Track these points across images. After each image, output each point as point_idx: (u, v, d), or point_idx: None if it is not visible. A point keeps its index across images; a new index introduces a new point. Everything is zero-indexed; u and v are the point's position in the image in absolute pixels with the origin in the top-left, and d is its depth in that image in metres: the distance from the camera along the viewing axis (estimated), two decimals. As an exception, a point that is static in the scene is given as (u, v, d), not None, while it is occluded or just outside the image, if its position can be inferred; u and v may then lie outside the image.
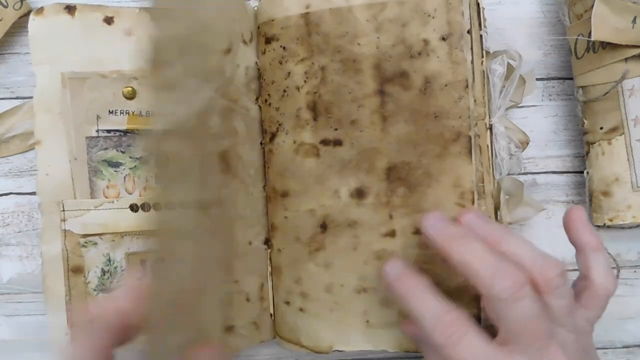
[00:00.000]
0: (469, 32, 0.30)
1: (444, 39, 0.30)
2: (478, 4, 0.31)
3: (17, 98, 0.36)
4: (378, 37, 0.30)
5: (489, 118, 0.31)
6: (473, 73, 0.30)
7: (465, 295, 0.30)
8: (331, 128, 0.31)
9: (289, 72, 0.32)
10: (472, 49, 0.30)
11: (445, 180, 0.30)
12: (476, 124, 0.31)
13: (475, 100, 0.30)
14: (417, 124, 0.30)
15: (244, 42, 0.33)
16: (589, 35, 0.31)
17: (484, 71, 0.31)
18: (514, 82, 0.32)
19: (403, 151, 0.30)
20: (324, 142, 0.31)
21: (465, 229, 0.27)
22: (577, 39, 0.33)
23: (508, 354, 0.24)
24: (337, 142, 0.31)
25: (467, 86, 0.30)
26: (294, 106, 0.32)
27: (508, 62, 0.32)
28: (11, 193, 0.36)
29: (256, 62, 0.34)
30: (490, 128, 0.31)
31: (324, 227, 0.32)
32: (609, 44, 0.31)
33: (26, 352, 0.36)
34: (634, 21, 0.30)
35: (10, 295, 0.36)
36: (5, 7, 0.34)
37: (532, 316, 0.24)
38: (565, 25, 0.34)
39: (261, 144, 0.34)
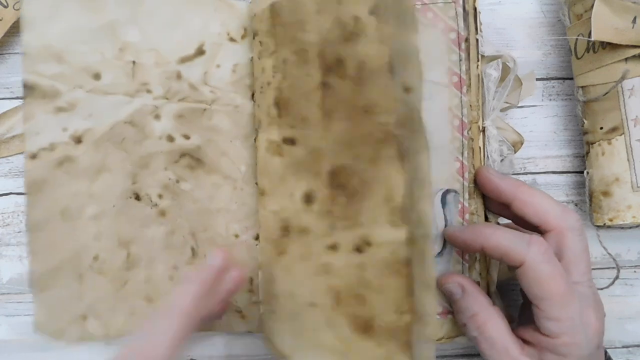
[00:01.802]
0: (467, 39, 0.30)
1: (372, 12, 0.25)
2: (475, 9, 0.30)
3: (17, 98, 0.36)
4: (319, 21, 0.27)
5: (482, 121, 0.31)
6: (469, 78, 0.30)
7: (398, 336, 0.26)
8: (288, 126, 0.28)
9: (263, 68, 0.30)
10: (469, 53, 0.30)
11: (377, 191, 0.26)
12: (470, 128, 0.30)
13: (470, 105, 0.30)
14: (353, 120, 0.26)
15: (231, 39, 0.32)
16: (589, 35, 0.31)
17: (479, 75, 0.31)
18: (507, 86, 0.32)
19: (341, 153, 0.26)
20: (284, 140, 0.28)
21: (483, 224, 0.29)
22: (577, 39, 0.33)
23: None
24: (292, 141, 0.28)
25: (390, 70, 0.25)
26: (265, 102, 0.29)
27: (504, 64, 0.33)
28: (11, 193, 0.36)
29: (252, 58, 0.34)
30: (484, 130, 0.31)
31: (285, 230, 0.29)
32: (609, 44, 0.31)
33: (26, 352, 0.36)
34: (634, 21, 0.30)
35: (10, 295, 0.36)
36: (5, 7, 0.34)
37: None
38: (565, 25, 0.34)
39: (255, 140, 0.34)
